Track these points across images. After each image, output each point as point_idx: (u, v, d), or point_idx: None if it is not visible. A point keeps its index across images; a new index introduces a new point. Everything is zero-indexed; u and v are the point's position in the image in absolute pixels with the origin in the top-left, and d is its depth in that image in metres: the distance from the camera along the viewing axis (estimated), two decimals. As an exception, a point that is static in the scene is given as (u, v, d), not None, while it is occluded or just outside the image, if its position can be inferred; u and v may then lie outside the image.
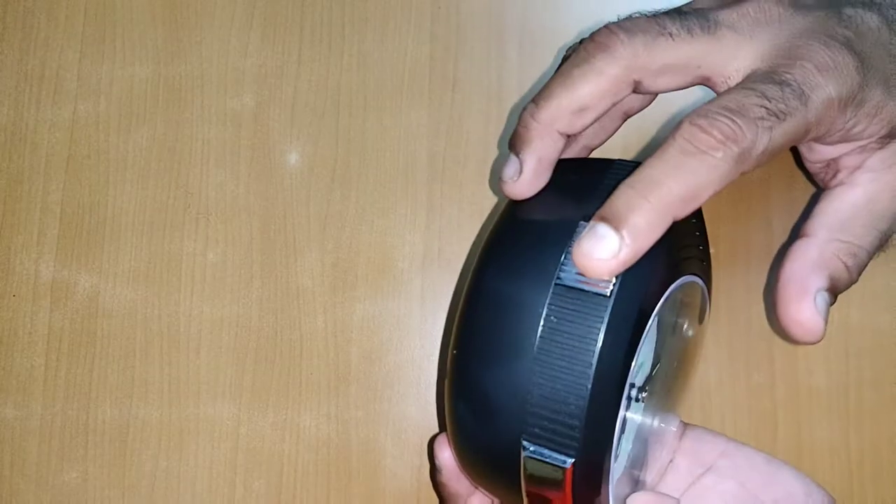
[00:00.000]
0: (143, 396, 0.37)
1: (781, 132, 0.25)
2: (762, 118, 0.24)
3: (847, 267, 0.28)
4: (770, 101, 0.25)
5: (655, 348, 0.29)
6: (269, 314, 0.37)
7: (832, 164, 0.30)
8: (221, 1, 0.40)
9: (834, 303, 0.28)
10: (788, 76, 0.25)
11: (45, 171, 0.39)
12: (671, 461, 0.31)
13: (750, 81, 0.26)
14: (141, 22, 0.40)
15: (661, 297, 0.26)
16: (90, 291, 0.38)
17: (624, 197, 0.24)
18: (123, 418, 0.37)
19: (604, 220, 0.23)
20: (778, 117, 0.24)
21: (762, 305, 0.36)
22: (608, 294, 0.24)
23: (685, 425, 0.32)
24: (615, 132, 0.32)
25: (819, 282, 0.28)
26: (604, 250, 0.23)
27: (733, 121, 0.24)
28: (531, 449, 0.24)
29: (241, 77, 0.39)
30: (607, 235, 0.23)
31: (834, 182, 0.30)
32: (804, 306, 0.27)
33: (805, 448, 0.35)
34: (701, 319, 0.31)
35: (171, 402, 0.37)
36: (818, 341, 0.27)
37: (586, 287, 0.24)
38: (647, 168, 0.24)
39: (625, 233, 0.23)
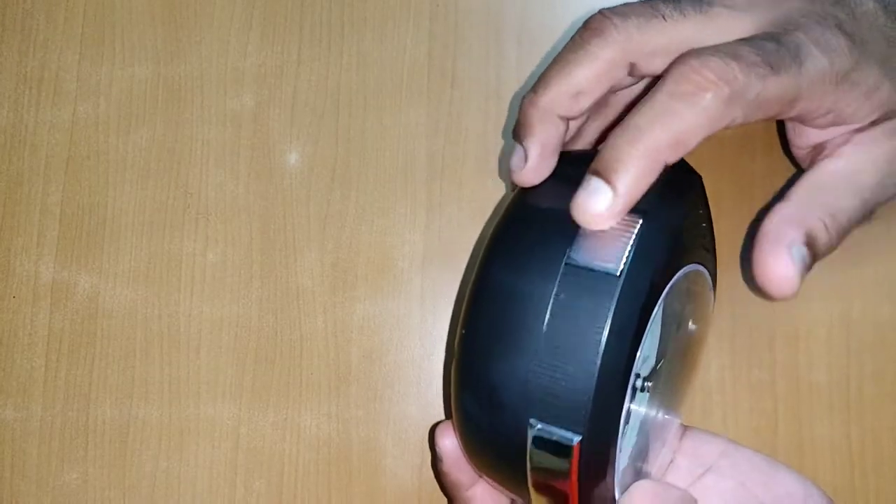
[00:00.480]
0: (143, 397, 0.37)
1: (774, 84, 0.24)
2: (756, 64, 0.24)
3: (826, 225, 0.27)
4: (766, 53, 0.25)
5: (660, 343, 0.29)
6: (268, 314, 0.37)
7: (818, 147, 0.30)
8: (220, 1, 0.40)
9: (812, 264, 0.27)
10: (786, 38, 0.25)
11: (45, 172, 0.39)
12: (672, 461, 0.31)
13: (746, 38, 0.26)
14: (140, 22, 0.40)
15: (671, 279, 0.26)
16: (90, 292, 0.38)
17: (612, 148, 0.24)
18: (123, 419, 0.37)
19: (595, 173, 0.24)
20: (772, 68, 0.24)
21: (764, 301, 0.35)
22: (618, 274, 0.24)
23: (685, 427, 0.32)
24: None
25: (794, 234, 0.27)
26: (599, 203, 0.24)
27: (726, 62, 0.24)
28: (538, 427, 0.24)
29: (241, 77, 0.39)
30: (600, 188, 0.24)
31: (819, 159, 0.30)
32: (779, 259, 0.27)
33: (806, 444, 0.35)
34: (705, 314, 0.31)
35: (171, 403, 0.37)
36: (792, 296, 0.27)
37: (596, 267, 0.24)
38: (635, 115, 0.24)
39: (615, 184, 0.24)
